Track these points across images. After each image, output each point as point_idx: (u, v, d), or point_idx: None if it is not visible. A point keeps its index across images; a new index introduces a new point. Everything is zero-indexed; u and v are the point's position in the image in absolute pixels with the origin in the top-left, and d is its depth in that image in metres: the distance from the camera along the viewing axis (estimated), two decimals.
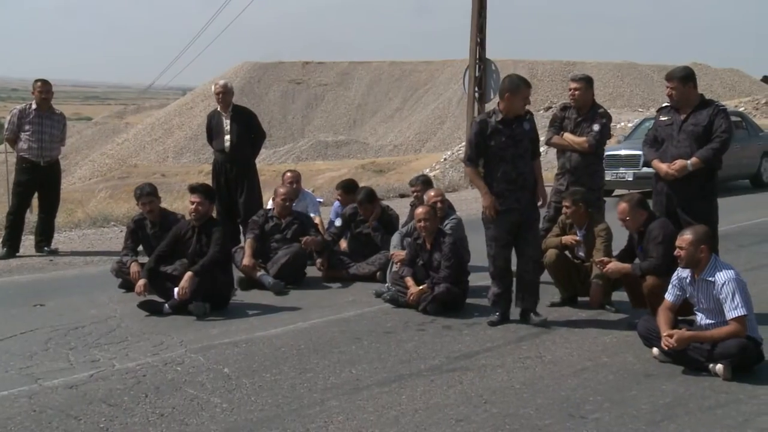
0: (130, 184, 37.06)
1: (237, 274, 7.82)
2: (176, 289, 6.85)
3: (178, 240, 7.28)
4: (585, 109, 7.70)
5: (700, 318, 5.43)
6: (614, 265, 6.36)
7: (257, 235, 8.30)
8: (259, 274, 7.93)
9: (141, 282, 7.03)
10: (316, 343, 6.09)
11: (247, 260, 7.99)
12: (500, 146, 6.36)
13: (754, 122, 18.87)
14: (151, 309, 6.95)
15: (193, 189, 7.41)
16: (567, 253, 7.14)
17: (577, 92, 7.67)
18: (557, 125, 7.82)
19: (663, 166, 6.52)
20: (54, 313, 7.04)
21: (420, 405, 4.77)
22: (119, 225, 11.81)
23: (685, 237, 5.36)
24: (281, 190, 8.63)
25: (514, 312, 6.63)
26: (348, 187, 9.28)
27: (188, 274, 6.87)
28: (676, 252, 5.39)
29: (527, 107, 6.52)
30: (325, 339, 6.19)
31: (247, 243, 8.24)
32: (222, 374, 5.35)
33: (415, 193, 8.42)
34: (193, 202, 7.27)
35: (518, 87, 6.40)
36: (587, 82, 7.72)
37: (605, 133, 7.70)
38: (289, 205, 8.57)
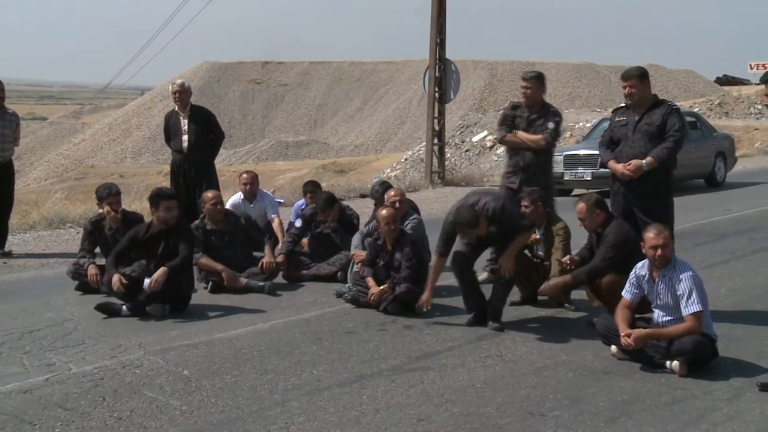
0: (87, 184, 36.55)
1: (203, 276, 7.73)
2: (148, 280, 6.76)
3: (136, 241, 7.17)
4: (537, 107, 7.77)
5: (658, 315, 5.50)
6: (551, 285, 6.38)
7: (202, 251, 7.86)
8: (243, 281, 7.78)
9: (114, 279, 6.80)
10: (276, 344, 6.06)
11: (227, 273, 7.70)
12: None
13: (708, 123, 19.19)
14: (109, 311, 6.85)
15: (168, 196, 7.19)
16: (527, 252, 7.19)
17: (528, 90, 7.73)
18: (509, 123, 7.86)
19: (619, 167, 6.60)
20: (7, 316, 6.90)
21: (381, 405, 4.77)
22: (76, 226, 11.62)
23: (664, 235, 5.41)
24: (209, 195, 8.13)
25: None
26: (314, 188, 9.23)
27: (163, 269, 6.80)
28: (653, 252, 5.41)
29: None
30: (285, 340, 6.17)
31: (206, 259, 7.84)
32: (181, 376, 5.30)
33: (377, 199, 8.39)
34: (169, 209, 7.04)
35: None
36: (538, 79, 7.79)
37: (559, 131, 7.77)
38: (221, 208, 8.08)
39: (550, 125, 7.64)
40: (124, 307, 6.86)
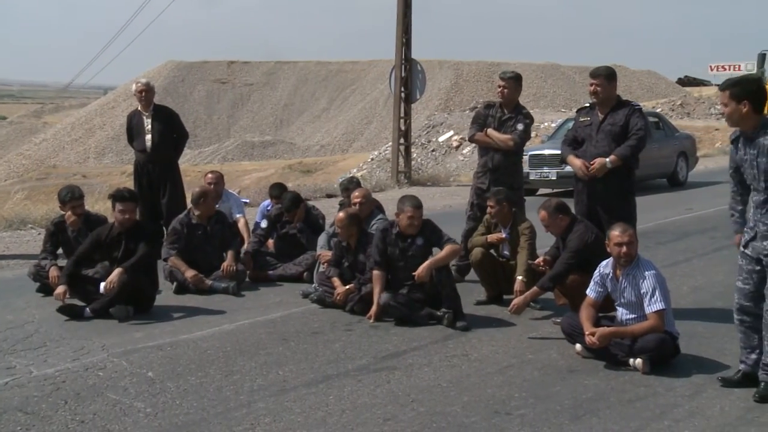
0: (48, 185, 36.04)
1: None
2: (103, 284, 6.68)
3: (99, 243, 7.08)
4: (510, 107, 7.80)
5: (621, 313, 5.56)
6: (519, 303, 6.37)
7: (179, 250, 7.87)
8: (209, 283, 7.72)
9: (60, 289, 6.78)
10: (242, 344, 6.02)
11: (190, 273, 7.66)
12: (395, 257, 6.70)
13: (670, 123, 19.44)
14: (72, 313, 6.76)
15: (122, 197, 7.10)
16: (492, 251, 7.23)
17: (506, 90, 7.76)
18: (480, 122, 7.89)
19: (577, 162, 6.64)
20: None
21: (347, 405, 4.77)
22: (37, 227, 11.46)
23: (629, 233, 5.47)
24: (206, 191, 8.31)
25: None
26: (280, 192, 9.18)
27: (118, 269, 6.73)
28: (618, 249, 5.46)
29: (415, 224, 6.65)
30: (251, 341, 6.13)
31: (175, 259, 7.82)
32: (146, 378, 5.24)
33: (345, 197, 8.39)
34: (123, 211, 7.00)
35: (401, 209, 6.66)
36: (516, 80, 7.82)
37: (528, 133, 7.82)
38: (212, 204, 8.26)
39: (520, 126, 7.69)
40: (87, 309, 6.77)
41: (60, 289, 6.79)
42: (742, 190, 4.94)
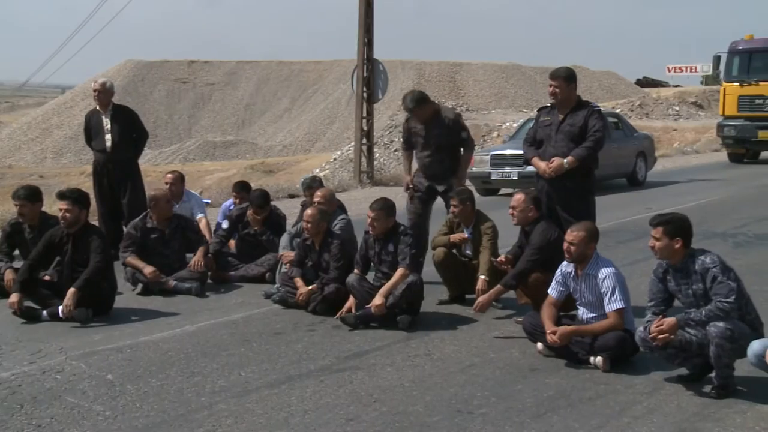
0: (4, 185, 35.37)
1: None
2: (60, 308, 6.55)
3: (52, 246, 6.96)
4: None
5: (582, 312, 5.62)
6: (483, 302, 6.42)
7: (134, 252, 7.78)
8: (172, 283, 7.63)
9: (13, 298, 6.60)
10: (204, 346, 5.97)
11: (148, 269, 7.55)
12: (373, 260, 6.83)
13: (629, 123, 19.68)
14: (28, 316, 6.65)
15: (62, 195, 6.98)
16: (455, 251, 7.25)
17: (420, 115, 7.61)
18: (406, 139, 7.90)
19: (542, 164, 6.74)
20: None
21: (310, 405, 4.75)
22: None
23: (577, 233, 5.54)
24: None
25: None
26: (245, 189, 9.12)
27: (71, 290, 6.55)
28: (566, 247, 5.54)
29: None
30: (213, 342, 6.09)
31: (132, 259, 7.73)
32: (105, 381, 5.18)
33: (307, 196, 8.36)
34: (61, 209, 6.89)
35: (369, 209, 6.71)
36: (423, 101, 7.56)
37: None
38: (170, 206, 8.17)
39: (464, 134, 7.69)
40: (44, 312, 6.66)
41: (13, 298, 6.61)
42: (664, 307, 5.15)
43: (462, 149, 7.79)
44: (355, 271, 6.74)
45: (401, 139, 7.99)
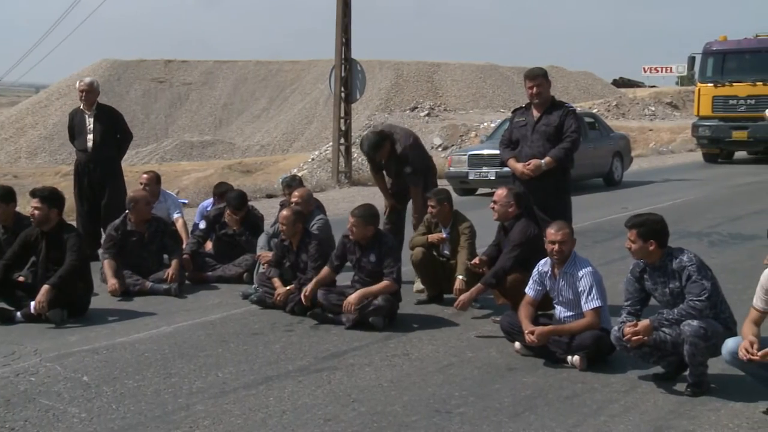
0: None
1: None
2: (33, 303, 6.48)
3: (27, 246, 6.89)
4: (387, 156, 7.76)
5: (559, 311, 5.65)
6: (464, 300, 6.43)
7: (115, 254, 7.72)
8: (149, 284, 7.58)
9: None
10: (181, 347, 5.94)
11: (111, 282, 7.46)
12: (353, 265, 6.80)
13: (606, 123, 19.79)
14: (2, 317, 6.57)
15: (33, 193, 6.92)
16: (433, 251, 7.26)
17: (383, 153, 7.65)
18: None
19: (518, 166, 6.78)
20: None
21: (288, 406, 4.74)
22: None
23: (564, 232, 5.56)
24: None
25: None
26: (226, 190, 9.06)
27: (45, 287, 6.47)
28: (556, 247, 5.54)
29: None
30: (190, 342, 6.05)
31: (107, 263, 7.64)
32: (81, 383, 5.13)
33: (287, 195, 8.34)
34: (34, 207, 6.80)
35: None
36: (384, 141, 7.60)
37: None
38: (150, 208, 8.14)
39: (408, 170, 7.61)
40: (18, 313, 6.59)
41: None
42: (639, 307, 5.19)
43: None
44: (327, 268, 6.71)
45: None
